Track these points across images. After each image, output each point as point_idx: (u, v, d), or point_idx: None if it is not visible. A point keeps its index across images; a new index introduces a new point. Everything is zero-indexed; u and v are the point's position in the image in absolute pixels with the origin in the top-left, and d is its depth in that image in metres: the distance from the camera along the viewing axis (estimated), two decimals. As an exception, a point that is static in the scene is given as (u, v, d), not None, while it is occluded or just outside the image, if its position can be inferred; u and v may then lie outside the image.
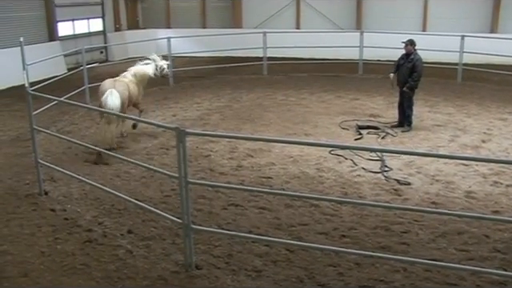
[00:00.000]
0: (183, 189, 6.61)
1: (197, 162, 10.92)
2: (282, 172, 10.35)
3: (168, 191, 9.38)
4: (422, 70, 12.84)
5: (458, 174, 10.19)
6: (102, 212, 8.60)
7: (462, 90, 17.73)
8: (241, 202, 8.91)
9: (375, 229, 7.99)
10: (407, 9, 24.93)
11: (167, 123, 12.95)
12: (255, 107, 15.49)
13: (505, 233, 7.83)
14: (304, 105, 15.77)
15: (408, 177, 10.06)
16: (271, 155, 11.28)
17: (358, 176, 10.14)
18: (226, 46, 21.96)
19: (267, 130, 13.27)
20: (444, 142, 12.25)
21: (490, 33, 23.23)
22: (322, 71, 20.92)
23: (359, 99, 16.34)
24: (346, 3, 25.79)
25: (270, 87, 18.16)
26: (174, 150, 10.22)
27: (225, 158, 11.16)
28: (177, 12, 28.28)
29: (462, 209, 8.68)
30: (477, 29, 23.34)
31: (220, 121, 14.20)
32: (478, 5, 24.00)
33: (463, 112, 14.83)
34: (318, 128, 13.36)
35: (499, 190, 9.45)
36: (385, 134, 12.76)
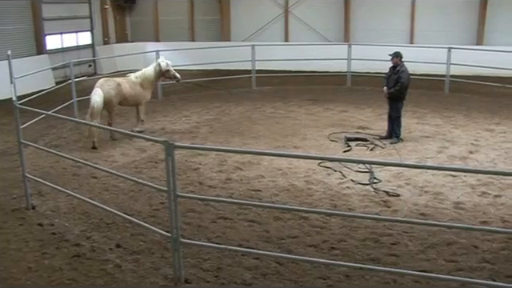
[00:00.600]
0: (172, 202, 6.58)
1: (186, 175, 10.88)
2: (271, 185, 10.33)
3: (157, 205, 9.34)
4: (406, 80, 12.91)
5: (447, 185, 10.23)
6: (91, 226, 8.54)
7: (449, 101, 17.85)
8: (230, 215, 8.88)
9: (364, 241, 7.98)
10: (394, 22, 25.13)
11: (156, 136, 12.92)
12: (244, 120, 15.50)
13: (493, 243, 7.86)
14: (293, 117, 15.80)
15: (397, 188, 10.08)
16: (260, 168, 11.27)
17: (347, 188, 10.14)
18: (214, 59, 21.98)
19: (256, 142, 13.26)
20: (432, 153, 12.30)
21: (476, 45, 23.46)
22: (310, 84, 20.99)
23: (348, 111, 16.39)
24: (333, 16, 25.95)
25: (258, 100, 18.20)
26: (162, 164, 10.20)
27: (214, 171, 11.14)
28: (165, 25, 28.36)
29: (450, 220, 8.70)
30: (463, 41, 23.58)
31: (209, 134, 14.19)
32: (463, 17, 24.24)
33: (451, 123, 14.91)
34: (306, 140, 13.37)
35: (487, 201, 9.48)
36: (373, 145, 12.79)
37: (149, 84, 14.17)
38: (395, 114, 13.18)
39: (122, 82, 13.57)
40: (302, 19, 26.26)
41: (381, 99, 14.04)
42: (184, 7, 28.00)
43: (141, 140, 12.71)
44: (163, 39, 27.80)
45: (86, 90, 18.45)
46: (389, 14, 25.17)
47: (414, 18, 24.97)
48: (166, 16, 28.28)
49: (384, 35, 24.47)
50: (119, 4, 27.73)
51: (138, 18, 28.82)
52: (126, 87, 13.57)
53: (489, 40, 23.71)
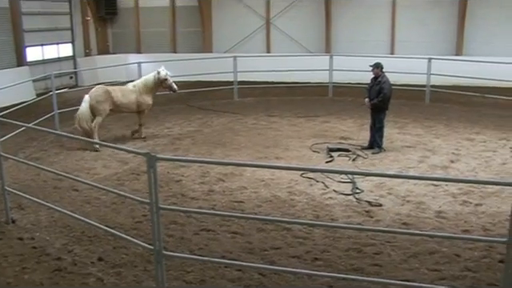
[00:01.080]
0: (154, 214, 6.54)
1: (168, 187, 10.83)
2: (253, 196, 10.32)
3: (139, 217, 9.27)
4: (389, 91, 13.02)
5: (428, 194, 10.28)
6: (72, 240, 8.45)
7: (430, 111, 17.99)
8: (213, 226, 8.84)
9: (348, 251, 7.98)
10: (375, 33, 25.31)
11: (138, 148, 12.85)
12: (226, 131, 15.48)
13: (475, 251, 7.90)
14: (275, 128, 15.82)
15: (379, 198, 10.12)
16: (243, 179, 11.25)
17: (330, 198, 10.16)
18: (196, 70, 21.96)
19: (238, 154, 13.25)
20: (414, 162, 12.37)
21: (456, 55, 23.70)
22: (292, 95, 21.06)
23: (330, 122, 16.45)
24: (315, 27, 26.08)
25: (240, 111, 18.21)
26: (144, 176, 10.13)
27: (196, 183, 11.10)
28: (147, 37, 28.31)
29: (432, 229, 8.74)
30: (443, 52, 23.80)
31: (191, 145, 14.15)
32: (443, 28, 24.49)
33: (432, 133, 15.03)
34: (289, 151, 13.39)
35: (468, 209, 9.55)
36: (355, 156, 12.84)
37: (148, 91, 14.68)
38: (378, 125, 13.25)
39: (113, 90, 14.40)
40: (283, 30, 26.37)
41: (362, 110, 14.12)
42: (165, 19, 27.98)
43: (123, 152, 12.63)
44: (145, 51, 27.76)
45: (68, 102, 18.40)
46: (369, 25, 25.35)
47: (394, 29, 25.19)
48: (147, 28, 28.25)
49: (365, 46, 24.65)
50: (101, 16, 27.63)
51: (119, 29, 28.75)
52: (118, 95, 14.29)
53: (468, 50, 23.96)
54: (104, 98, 14.17)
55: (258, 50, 26.44)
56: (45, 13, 23.56)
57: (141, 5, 28.19)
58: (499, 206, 9.61)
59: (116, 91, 14.46)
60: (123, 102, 14.41)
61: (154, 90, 14.87)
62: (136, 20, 28.28)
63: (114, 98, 14.25)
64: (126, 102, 14.46)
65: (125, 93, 14.54)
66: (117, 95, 14.33)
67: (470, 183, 10.57)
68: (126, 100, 14.44)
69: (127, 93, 14.55)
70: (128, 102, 14.48)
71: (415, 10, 24.70)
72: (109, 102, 14.21)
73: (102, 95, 14.18)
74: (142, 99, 14.63)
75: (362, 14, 25.32)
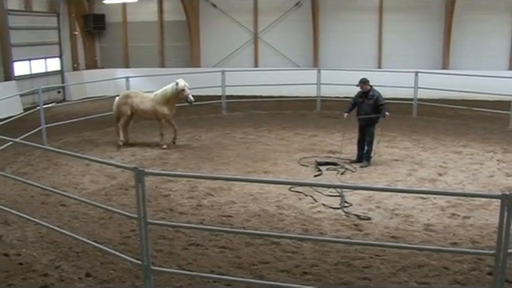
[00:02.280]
0: (143, 229, 6.50)
1: (156, 201, 10.77)
2: (242, 210, 10.28)
3: (127, 232, 9.21)
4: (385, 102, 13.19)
5: (417, 207, 10.30)
6: (59, 255, 8.36)
7: (417, 124, 18.09)
8: (201, 241, 8.80)
9: (337, 265, 7.97)
10: (362, 47, 25.50)
11: (126, 163, 12.80)
12: (214, 146, 15.47)
13: (464, 264, 7.91)
14: (263, 142, 15.82)
15: (368, 212, 10.12)
16: (231, 194, 11.22)
17: (319, 212, 10.14)
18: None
19: (227, 168, 13.23)
20: (402, 176, 12.41)
21: (442, 69, 23.91)
22: (280, 109, 21.10)
23: (318, 136, 16.48)
24: (302, 42, 26.23)
25: (228, 125, 18.21)
26: (132, 191, 10.08)
27: (184, 198, 11.05)
28: (135, 52, 28.33)
29: (421, 242, 8.75)
30: (429, 65, 24.02)
31: (179, 160, 14.11)
32: (429, 42, 24.72)
33: (419, 146, 15.10)
34: (277, 165, 13.38)
35: (457, 222, 9.57)
36: (344, 169, 12.86)
37: (166, 101, 15.11)
38: (369, 139, 13.30)
39: (134, 96, 15.52)
40: (271, 45, 26.50)
41: (351, 123, 14.16)
42: (154, 34, 28.03)
43: (111, 167, 12.56)
44: (133, 65, 27.75)
45: (55, 116, 18.36)
46: (357, 39, 25.53)
47: (381, 43, 25.39)
48: (135, 42, 28.28)
49: (352, 60, 24.79)
50: (89, 30, 27.63)
51: (107, 44, 28.75)
52: (136, 101, 15.36)
53: (454, 64, 24.19)
54: (123, 101, 15.41)
55: (246, 64, 26.54)
56: (32, 27, 23.52)
57: (129, 19, 28.26)
58: (487, 219, 9.64)
59: (137, 97, 15.45)
60: (140, 108, 15.35)
61: (172, 100, 15.17)
62: (124, 35, 28.31)
63: (133, 103, 15.32)
64: (142, 109, 15.37)
65: (144, 100, 15.37)
66: (136, 101, 15.35)
67: (457, 196, 10.61)
68: (142, 106, 15.32)
69: (146, 100, 15.34)
70: (144, 108, 15.34)
71: (402, 24, 24.92)
72: (128, 106, 15.34)
73: (122, 99, 15.48)
74: (159, 108, 15.14)
75: (350, 28, 25.51)
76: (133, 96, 15.50)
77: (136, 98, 15.41)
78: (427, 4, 24.62)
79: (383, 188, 10.64)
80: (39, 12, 24.23)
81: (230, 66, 25.25)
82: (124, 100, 15.46)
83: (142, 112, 15.52)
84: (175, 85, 14.91)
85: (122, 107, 15.45)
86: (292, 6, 26.07)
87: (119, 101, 15.55)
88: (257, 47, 26.98)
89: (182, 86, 14.85)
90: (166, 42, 28.05)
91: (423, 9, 24.70)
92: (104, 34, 28.59)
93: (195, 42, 27.19)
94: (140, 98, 15.46)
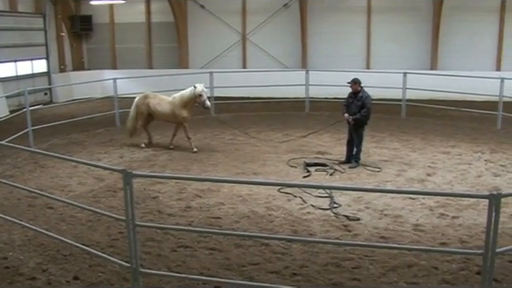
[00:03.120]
0: (131, 232, 6.49)
1: (144, 203, 10.75)
2: (231, 212, 10.29)
3: (115, 234, 9.18)
4: (371, 106, 13.14)
5: (406, 207, 10.35)
6: (47, 258, 8.32)
7: (406, 125, 18.18)
8: (190, 243, 8.79)
9: (326, 265, 7.99)
10: (351, 48, 25.61)
11: (114, 165, 12.77)
12: (203, 147, 15.45)
13: (452, 264, 7.96)
14: (252, 144, 15.83)
15: (357, 212, 10.15)
16: (220, 195, 11.22)
17: (308, 213, 10.16)
18: (172, 86, 21.78)
19: (215, 169, 13.23)
20: (391, 176, 12.46)
21: (430, 69, 24.05)
22: (269, 110, 21.13)
23: (306, 137, 16.48)
24: (291, 42, 26.29)
25: (217, 127, 18.18)
26: (121, 193, 10.04)
27: (173, 199, 11.04)
28: (123, 53, 28.26)
29: (410, 242, 8.79)
30: (418, 66, 24.17)
31: (168, 161, 14.09)
32: (418, 43, 24.88)
33: (408, 147, 15.17)
34: (266, 167, 13.40)
35: (446, 222, 9.63)
36: (333, 170, 12.89)
37: (183, 105, 15.05)
38: (358, 140, 13.31)
39: (153, 97, 15.60)
40: (259, 46, 26.53)
41: (339, 124, 14.20)
42: (141, 35, 28.00)
43: (99, 169, 12.51)
44: (120, 67, 27.69)
45: (42, 118, 18.28)
46: (345, 40, 25.64)
47: (369, 44, 25.51)
48: (123, 44, 28.22)
49: (341, 61, 24.89)
50: (75, 31, 27.53)
51: (94, 45, 28.67)
52: (154, 102, 15.45)
53: (442, 65, 24.35)
54: (141, 101, 15.57)
55: (234, 65, 26.56)
56: (18, 28, 23.36)
57: (116, 21, 28.20)
58: (475, 219, 9.71)
59: (155, 99, 15.55)
60: (158, 109, 15.41)
61: (189, 103, 15.03)
62: (111, 36, 28.24)
63: (150, 104, 15.44)
64: (159, 111, 15.40)
65: (162, 102, 15.42)
66: (153, 102, 15.45)
67: (446, 196, 10.67)
68: (160, 108, 15.38)
69: (164, 103, 15.38)
70: (161, 110, 15.37)
71: (390, 25, 25.07)
72: (145, 107, 15.47)
73: (141, 99, 15.66)
74: (177, 111, 15.07)
75: (338, 29, 25.61)
76: (151, 97, 15.58)
77: (154, 100, 15.48)
78: (415, 5, 24.77)
79: (372, 189, 10.68)
80: (25, 13, 24.08)
81: (218, 67, 25.27)
82: (142, 100, 15.58)
83: (159, 114, 15.51)
84: (193, 88, 14.78)
85: (140, 107, 15.56)
86: (280, 7, 26.15)
87: (138, 101, 15.70)
88: (245, 48, 27.01)
89: (199, 90, 14.67)
90: (153, 43, 28.03)
91: (411, 10, 24.86)
92: (91, 36, 28.51)
93: (183, 43, 27.17)
94: (158, 100, 15.52)
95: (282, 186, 11.43)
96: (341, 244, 8.58)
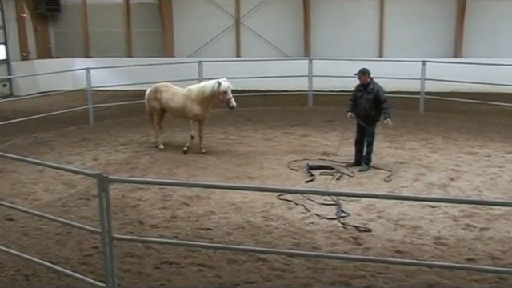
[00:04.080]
0: (107, 246, 6.48)
1: (123, 213, 10.73)
2: (223, 222, 10.27)
3: (89, 250, 9.15)
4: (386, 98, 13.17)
5: (425, 217, 10.34)
6: (4, 280, 8.23)
7: (425, 121, 18.20)
8: (176, 258, 8.78)
9: (333, 284, 7.98)
10: (361, 33, 25.59)
11: (87, 169, 12.73)
12: (190, 148, 15.43)
13: (482, 283, 7.94)
14: (247, 143, 15.85)
15: (368, 223, 10.14)
16: (210, 203, 11.21)
17: (311, 224, 10.15)
18: (155, 77, 21.69)
19: (205, 173, 13.22)
20: (407, 181, 12.45)
21: (454, 57, 24.01)
22: (266, 104, 21.13)
23: (310, 135, 16.52)
24: (292, 27, 26.28)
25: (207, 124, 18.10)
26: (95, 201, 10.02)
27: (156, 208, 11.02)
28: (97, 38, 28.21)
29: (431, 257, 8.78)
30: (439, 53, 24.16)
31: (150, 164, 14.07)
32: (439, 27, 24.85)
33: (428, 147, 15.18)
34: (263, 170, 13.39)
35: (473, 235, 9.61)
36: (340, 174, 12.89)
37: (201, 99, 14.78)
38: (369, 139, 13.31)
39: (165, 90, 15.42)
40: (255, 31, 26.52)
41: (348, 121, 14.21)
42: (119, 17, 27.95)
43: (69, 173, 12.49)
44: (95, 55, 27.68)
45: (1, 114, 18.20)
46: (354, 24, 25.64)
47: (382, 28, 25.51)
48: (97, 27, 28.15)
49: (349, 48, 24.92)
50: (40, 12, 27.31)
51: (63, 29, 28.60)
52: (167, 96, 15.28)
53: (468, 51, 24.33)
54: (152, 95, 15.50)
55: (226, 53, 26.57)
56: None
57: (89, 1, 28.13)
58: (509, 231, 9.70)
59: (167, 92, 15.37)
60: (170, 104, 15.26)
61: (208, 100, 14.83)
62: (83, 18, 28.18)
63: (162, 98, 15.30)
64: (172, 106, 15.24)
65: (175, 96, 15.22)
66: (166, 96, 15.30)
67: (473, 204, 10.64)
68: (172, 103, 15.21)
69: (178, 96, 15.18)
70: (174, 105, 15.20)
71: (407, 5, 25.10)
72: (157, 101, 15.37)
73: (151, 92, 15.58)
74: (189, 105, 14.86)
75: (346, 11, 25.64)
76: (163, 90, 15.41)
77: (166, 93, 15.33)
78: (437, -19, 24.81)
79: (386, 195, 10.66)
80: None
81: (208, 55, 25.28)
82: (153, 94, 15.50)
83: (171, 109, 15.40)
84: (217, 84, 14.48)
85: (151, 102, 15.55)
86: (279, -14, 26.22)
87: (148, 95, 15.68)
88: (239, 34, 27.00)
89: (225, 87, 14.38)
90: (133, 28, 27.98)
91: (432, -13, 24.89)
92: (59, 18, 28.44)
93: (167, 27, 27.14)
94: (171, 92, 15.35)
95: (282, 192, 11.42)
96: (350, 259, 8.57)
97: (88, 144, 16.17)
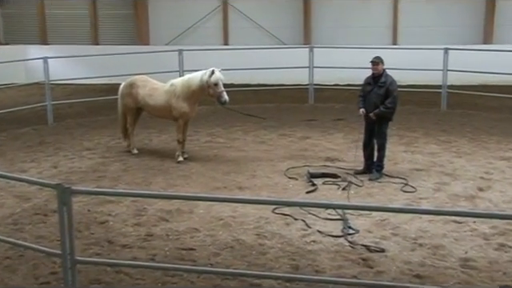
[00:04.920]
0: (68, 271, 6.45)
1: (89, 231, 10.69)
2: (208, 241, 10.26)
3: (46, 276, 9.10)
4: (397, 95, 13.12)
5: (449, 234, 10.33)
6: None
7: (448, 120, 18.25)
8: (152, 285, 8.76)
9: (340, 315, 7.98)
10: (371, 16, 25.60)
11: (45, 178, 12.70)
12: (170, 153, 15.41)
13: (517, 314, 7.96)
14: (237, 147, 15.87)
15: (381, 241, 10.14)
16: (193, 218, 11.20)
17: (313, 242, 10.15)
18: (127, 69, 21.60)
19: (187, 183, 13.22)
20: (427, 191, 12.46)
21: (483, 43, 24.00)
22: (259, 101, 21.14)
23: (310, 137, 16.54)
24: (289, 10, 26.31)
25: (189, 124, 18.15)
26: (54, 217, 10.00)
27: (129, 225, 11.00)
28: (56, 22, 28.11)
29: (457, 283, 8.78)
30: (465, 39, 24.16)
31: (122, 172, 14.06)
32: (465, 8, 24.89)
33: (451, 151, 15.20)
34: (256, 178, 13.41)
35: (507, 256, 9.60)
36: (347, 183, 12.90)
37: (187, 94, 14.62)
38: (380, 141, 13.30)
39: (142, 85, 15.21)
40: (245, 14, 26.50)
41: (357, 120, 14.22)
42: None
43: (23, 184, 12.44)
44: (53, 41, 27.58)
45: None
46: (363, 5, 25.67)
47: (396, 10, 25.54)
48: (55, 9, 28.10)
49: (357, 34, 24.95)
50: (-18, -11, 27.31)
51: (13, 10, 28.49)
52: (144, 92, 15.08)
53: (500, 37, 24.36)
54: (127, 91, 15.37)
55: (211, 40, 26.60)
56: None
57: (46, -24, 28.08)
58: (551, 251, 9.72)
59: (145, 87, 15.17)
60: (148, 102, 15.09)
61: (196, 95, 14.72)
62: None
63: (139, 94, 15.11)
64: (151, 104, 15.09)
65: (155, 92, 15.05)
66: (143, 92, 15.09)
67: (507, 219, 10.63)
68: (152, 101, 15.04)
69: (159, 93, 15.01)
70: (154, 104, 15.04)
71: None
72: (132, 98, 15.22)
73: (126, 87, 15.45)
74: (175, 103, 14.67)
75: (353, -10, 25.69)
76: (139, 85, 15.21)
77: (144, 89, 15.13)
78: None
79: (401, 208, 10.64)
80: None
81: (189, 43, 25.30)
82: (128, 90, 15.33)
83: (150, 108, 15.27)
84: (208, 74, 14.25)
85: (125, 99, 15.41)
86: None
87: (122, 91, 15.54)
88: (226, 18, 27.01)
89: (215, 78, 14.17)
90: (100, 9, 27.93)
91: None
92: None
93: (141, 10, 27.12)
94: (149, 88, 15.16)
95: (278, 204, 11.40)
96: (359, 285, 8.55)
97: (46, 149, 16.14)
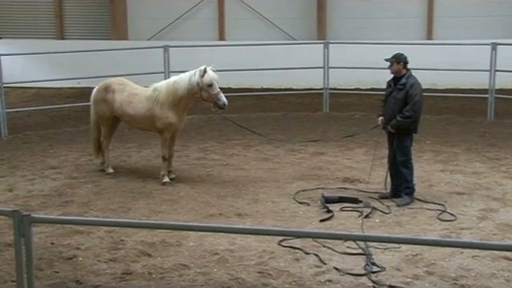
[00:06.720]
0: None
1: (52, 269, 10.67)
2: (200, 280, 10.26)
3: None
4: (420, 101, 13.07)
5: (499, 274, 10.29)
6: None
7: (495, 132, 18.28)
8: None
9: None
10: (399, 7, 25.61)
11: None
12: (153, 171, 15.43)
13: None
14: (235, 165, 15.92)
15: (412, 281, 10.13)
16: (182, 252, 11.20)
17: (329, 282, 10.14)
18: (101, 69, 21.83)
19: (174, 209, 13.24)
20: (470, 220, 12.45)
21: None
22: (263, 109, 21.20)
23: (325, 153, 16.59)
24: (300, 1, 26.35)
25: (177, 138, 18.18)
26: (9, 251, 10.01)
27: (102, 261, 10.98)
28: (10, 12, 28.20)
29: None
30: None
31: (94, 196, 14.06)
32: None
33: (500, 170, 15.22)
34: (258, 203, 13.42)
35: None
36: (370, 209, 12.90)
37: (174, 101, 14.44)
38: (401, 157, 13.25)
39: (119, 89, 15.07)
40: (246, 3, 26.56)
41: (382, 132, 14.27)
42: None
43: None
44: (6, 34, 27.68)
45: None
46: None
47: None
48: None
49: (383, 27, 25.00)
50: None
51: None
52: (121, 99, 14.91)
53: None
54: (100, 96, 15.28)
55: (204, 35, 26.68)
56: None
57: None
58: None
59: (123, 92, 15.00)
60: (127, 111, 14.92)
61: (184, 101, 14.60)
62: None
63: (115, 101, 14.97)
64: (130, 113, 14.92)
65: (135, 98, 14.88)
66: (120, 98, 14.94)
67: None
68: (131, 109, 14.88)
69: (139, 99, 14.83)
70: (134, 113, 14.88)
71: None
72: (107, 105, 15.09)
73: (99, 91, 15.34)
74: (159, 112, 14.51)
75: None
76: (116, 89, 15.07)
77: (121, 94, 14.96)
78: None
79: (438, 240, 10.63)
80: None
81: (177, 37, 25.38)
82: (102, 95, 15.23)
83: (128, 118, 15.10)
84: (197, 75, 14.09)
85: (99, 106, 15.31)
86: None
87: (95, 96, 15.44)
88: (223, 7, 27.08)
89: (209, 78, 14.02)
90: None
91: None
92: None
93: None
94: (128, 93, 14.97)
95: (286, 235, 11.41)
96: (386, 335, 8.58)
97: (0, 167, 16.17)
